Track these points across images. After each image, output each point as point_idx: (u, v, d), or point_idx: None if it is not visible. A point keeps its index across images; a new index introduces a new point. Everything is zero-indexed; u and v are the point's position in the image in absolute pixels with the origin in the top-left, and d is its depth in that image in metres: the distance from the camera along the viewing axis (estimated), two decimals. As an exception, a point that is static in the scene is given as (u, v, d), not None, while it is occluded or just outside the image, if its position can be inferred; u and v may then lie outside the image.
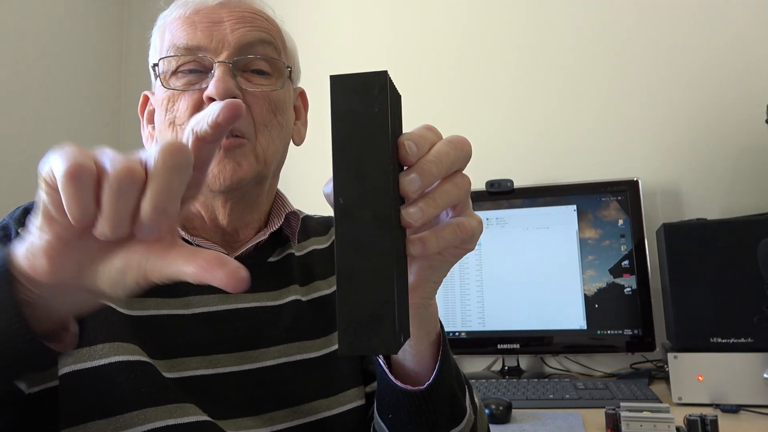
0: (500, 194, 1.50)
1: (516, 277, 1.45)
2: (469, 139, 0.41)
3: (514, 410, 1.08)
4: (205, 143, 0.36)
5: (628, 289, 1.38)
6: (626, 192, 1.42)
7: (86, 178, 0.33)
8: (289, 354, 0.65)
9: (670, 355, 1.15)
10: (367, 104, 0.34)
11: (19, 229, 0.59)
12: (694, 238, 1.19)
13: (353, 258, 0.34)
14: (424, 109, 1.71)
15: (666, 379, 1.19)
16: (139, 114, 0.72)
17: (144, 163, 0.34)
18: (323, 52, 1.81)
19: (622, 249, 1.40)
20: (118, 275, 0.36)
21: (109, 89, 1.97)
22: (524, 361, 1.52)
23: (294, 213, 0.72)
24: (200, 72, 0.64)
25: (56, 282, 0.36)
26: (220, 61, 0.62)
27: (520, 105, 1.67)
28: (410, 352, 0.53)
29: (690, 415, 0.92)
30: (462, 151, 0.40)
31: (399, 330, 0.34)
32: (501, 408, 1.05)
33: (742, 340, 1.12)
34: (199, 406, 0.57)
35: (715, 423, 0.90)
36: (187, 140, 0.36)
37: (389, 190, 0.34)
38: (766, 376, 1.08)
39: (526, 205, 1.48)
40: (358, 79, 0.34)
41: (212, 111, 0.35)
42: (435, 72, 1.75)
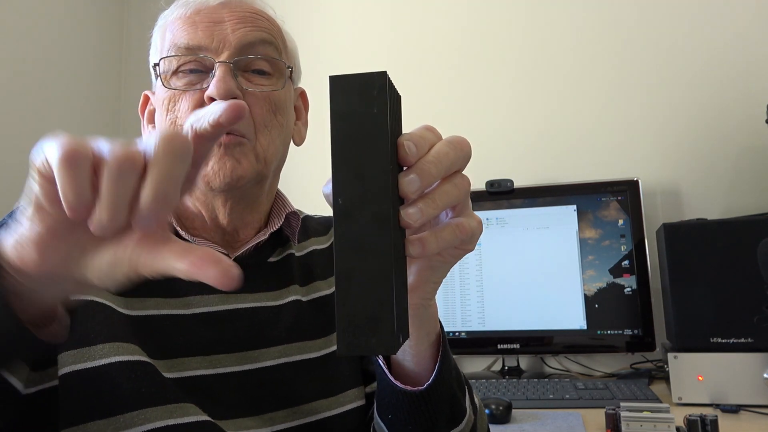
0: (500, 194, 1.50)
1: (516, 277, 1.45)
2: (469, 139, 0.41)
3: (514, 410, 1.08)
4: (203, 140, 0.36)
5: (628, 289, 1.38)
6: (626, 192, 1.42)
7: (83, 164, 0.33)
8: (289, 354, 0.65)
9: (670, 355, 1.15)
10: (366, 105, 0.34)
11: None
12: (694, 238, 1.19)
13: (352, 258, 0.34)
14: (424, 109, 1.71)
15: (666, 379, 1.19)
16: (140, 114, 0.72)
17: (142, 151, 0.34)
18: (323, 52, 1.81)
19: (622, 249, 1.40)
20: (108, 268, 0.36)
21: (109, 89, 1.97)
22: (524, 361, 1.52)
23: (294, 213, 0.72)
24: (201, 72, 0.64)
25: (45, 273, 0.36)
26: (221, 61, 0.62)
27: (520, 105, 1.67)
28: (410, 353, 0.53)
29: (690, 415, 0.92)
30: (462, 152, 0.40)
31: (398, 330, 0.34)
32: (501, 408, 1.05)
33: (742, 340, 1.12)
34: (199, 406, 0.57)
35: (715, 423, 0.90)
36: (186, 134, 0.36)
37: (388, 191, 0.34)
38: (766, 376, 1.08)
39: (526, 205, 1.48)
40: (357, 79, 0.34)
41: (214, 110, 0.35)
42: (435, 72, 1.75)
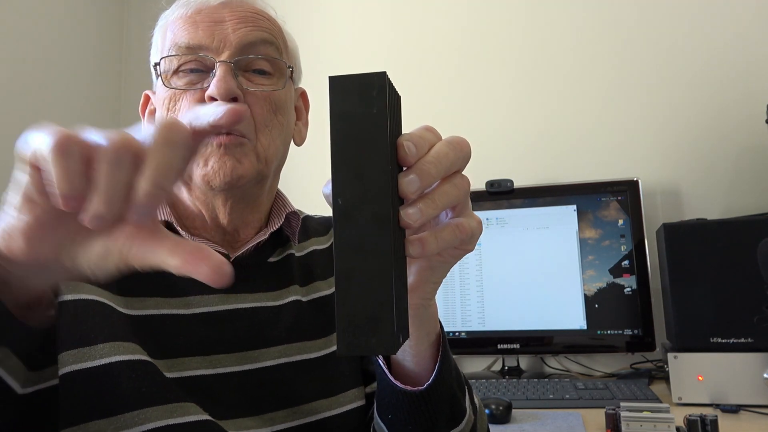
0: (500, 194, 1.50)
1: (516, 277, 1.45)
2: (469, 140, 0.41)
3: (514, 410, 1.08)
4: (199, 138, 0.36)
5: (628, 289, 1.38)
6: (626, 192, 1.42)
7: (75, 153, 0.32)
8: (289, 354, 0.65)
9: (670, 355, 1.15)
10: (366, 105, 0.34)
11: None
12: (694, 238, 1.19)
13: (352, 258, 0.34)
14: (424, 110, 1.71)
15: (666, 379, 1.19)
16: (140, 113, 0.72)
17: (138, 140, 0.33)
18: (323, 52, 1.81)
19: (622, 249, 1.40)
20: (98, 260, 0.35)
21: (109, 89, 1.97)
22: (524, 361, 1.52)
23: (294, 213, 0.72)
24: (202, 71, 0.64)
25: (33, 262, 0.36)
26: (222, 61, 0.62)
27: (520, 105, 1.67)
28: (410, 353, 0.53)
29: (690, 415, 0.92)
30: (461, 152, 0.40)
31: (398, 330, 0.34)
32: (501, 408, 1.05)
33: (742, 340, 1.12)
34: (200, 406, 0.57)
35: (715, 423, 0.90)
36: (185, 124, 0.36)
37: (388, 191, 0.34)
38: (766, 376, 1.08)
39: (526, 205, 1.48)
40: (357, 80, 0.34)
41: (215, 111, 0.35)
42: (435, 72, 1.75)
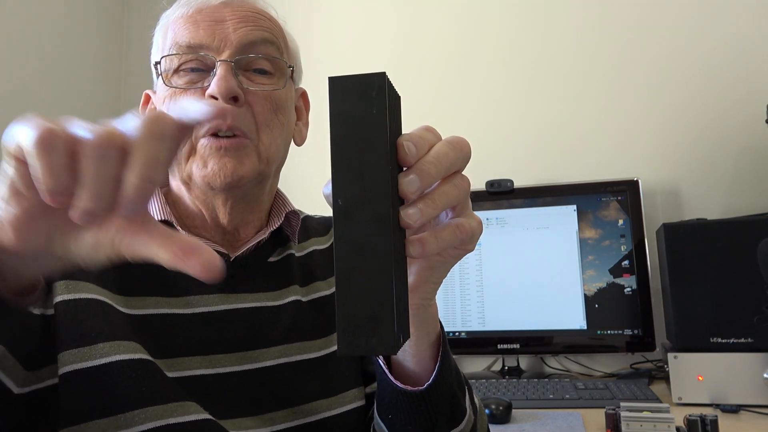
0: (500, 194, 1.50)
1: (516, 277, 1.45)
2: (469, 140, 0.41)
3: (514, 410, 1.08)
4: (185, 132, 0.36)
5: (628, 289, 1.38)
6: (626, 192, 1.42)
7: (59, 146, 0.32)
8: (289, 354, 0.65)
9: (670, 355, 1.15)
10: (365, 105, 0.34)
11: None
12: (694, 238, 1.19)
13: (352, 258, 0.34)
14: (425, 110, 1.71)
15: (666, 379, 1.19)
16: (141, 113, 0.72)
17: (123, 133, 0.33)
18: (323, 53, 1.81)
19: (622, 249, 1.40)
20: (89, 250, 0.35)
21: (109, 89, 1.97)
22: (524, 361, 1.52)
23: (294, 212, 0.72)
24: (202, 71, 0.64)
25: (24, 252, 0.36)
26: (222, 60, 0.62)
27: (520, 105, 1.67)
28: (410, 353, 0.53)
29: (690, 415, 0.92)
30: (461, 152, 0.40)
31: (398, 331, 0.34)
32: (501, 408, 1.05)
33: (742, 340, 1.12)
34: (200, 406, 0.57)
35: (715, 423, 0.90)
36: (170, 116, 0.35)
37: (388, 191, 0.34)
38: (766, 376, 1.08)
39: (526, 205, 1.48)
40: (356, 80, 0.34)
41: (201, 108, 0.35)
42: (435, 72, 1.75)
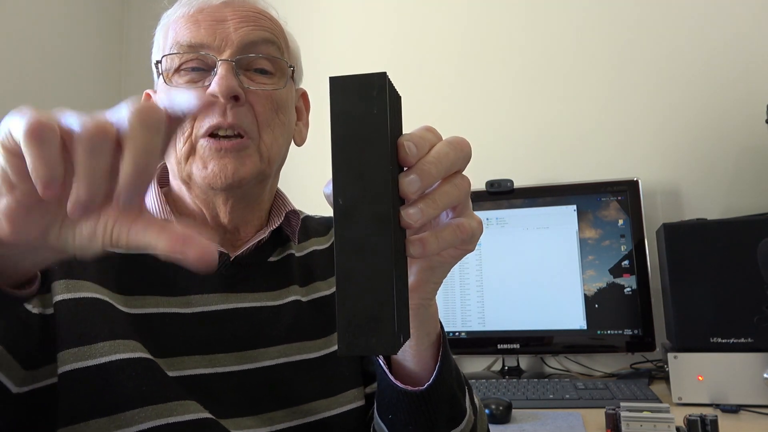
0: (500, 194, 1.50)
1: (516, 277, 1.45)
2: (470, 140, 0.41)
3: (514, 410, 1.08)
4: (174, 124, 0.36)
5: (628, 289, 1.38)
6: (626, 192, 1.42)
7: (51, 137, 0.32)
8: (288, 354, 0.65)
9: (670, 355, 1.15)
10: (366, 105, 0.34)
11: None
12: (694, 238, 1.19)
13: (353, 258, 0.34)
14: (425, 110, 1.71)
15: (666, 379, 1.19)
16: None
17: (114, 123, 0.33)
18: (323, 53, 1.81)
19: (622, 249, 1.40)
20: (85, 240, 0.36)
21: (109, 89, 1.97)
22: (524, 361, 1.52)
23: (294, 212, 0.72)
24: (203, 70, 0.64)
25: (20, 244, 0.36)
26: (223, 60, 0.62)
27: (520, 105, 1.67)
28: (410, 353, 0.53)
29: (690, 415, 0.92)
30: (462, 152, 0.40)
31: (398, 330, 0.34)
32: (501, 408, 1.05)
33: (742, 340, 1.12)
34: (200, 405, 0.57)
35: (715, 423, 0.90)
36: (158, 106, 0.36)
37: (389, 191, 0.34)
38: (766, 376, 1.08)
39: (526, 205, 1.48)
40: (357, 80, 0.34)
41: (189, 99, 0.35)
42: (435, 72, 1.75)
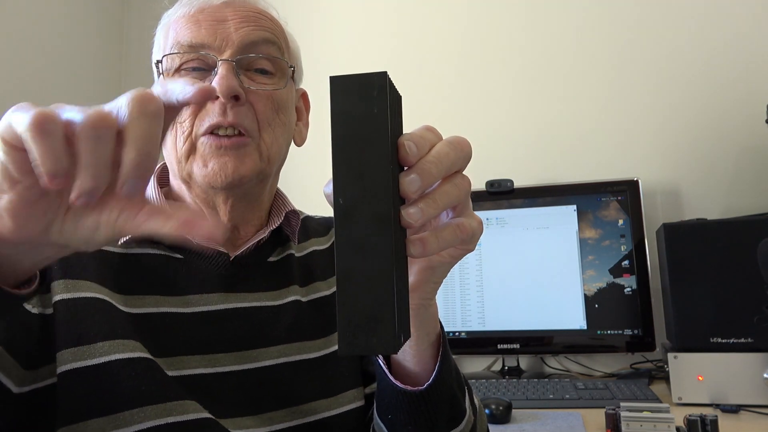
0: (500, 194, 1.50)
1: (516, 277, 1.45)
2: (470, 140, 0.41)
3: (514, 410, 1.08)
4: (169, 113, 0.36)
5: (628, 289, 1.38)
6: (626, 192, 1.42)
7: (56, 130, 0.32)
8: (288, 354, 0.65)
9: (670, 355, 1.15)
10: (366, 105, 0.34)
11: None
12: (694, 238, 1.19)
13: (353, 258, 0.34)
14: (425, 110, 1.71)
15: (666, 379, 1.19)
16: None
17: (114, 113, 0.33)
18: (323, 53, 1.81)
19: (622, 249, 1.40)
20: (89, 232, 0.36)
21: (109, 89, 1.97)
22: (524, 361, 1.52)
23: (294, 212, 0.72)
24: (204, 70, 0.64)
25: (23, 241, 0.36)
26: (224, 59, 0.62)
27: (520, 105, 1.67)
28: (410, 353, 0.53)
29: (690, 415, 0.92)
30: (462, 152, 0.40)
31: (399, 330, 0.34)
32: (501, 408, 1.05)
33: (742, 340, 1.12)
34: (200, 404, 0.57)
35: (715, 423, 0.90)
36: (155, 94, 0.36)
37: (389, 191, 0.34)
38: (766, 376, 1.08)
39: (526, 205, 1.48)
40: (357, 80, 0.34)
41: (184, 89, 0.35)
42: (435, 72, 1.75)
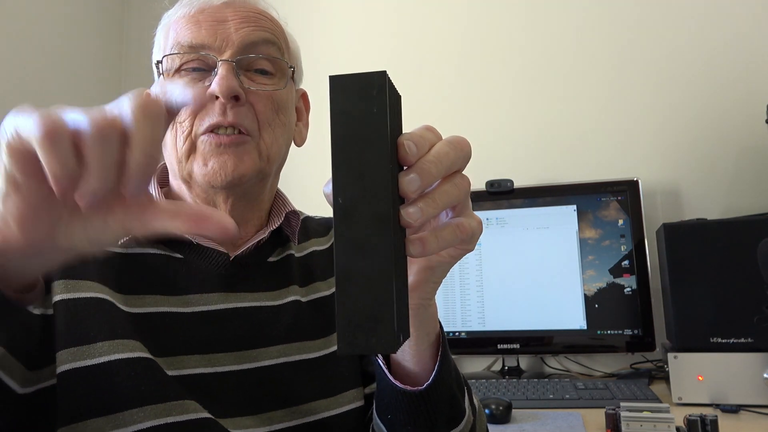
0: (500, 194, 1.50)
1: (516, 277, 1.45)
2: (470, 140, 0.41)
3: (514, 410, 1.08)
4: (169, 114, 0.36)
5: (628, 289, 1.38)
6: (626, 192, 1.42)
7: (65, 136, 0.32)
8: (288, 354, 0.65)
9: (670, 355, 1.15)
10: (366, 104, 0.34)
11: None
12: (694, 238, 1.19)
13: (353, 258, 0.34)
14: (425, 109, 1.71)
15: (666, 379, 1.19)
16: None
17: (118, 116, 0.34)
18: (323, 53, 1.81)
19: (622, 249, 1.40)
20: (96, 234, 0.36)
21: (109, 89, 1.97)
22: (524, 361, 1.52)
23: (294, 212, 0.72)
24: (204, 70, 0.64)
25: (30, 247, 0.36)
26: (224, 60, 0.62)
27: (520, 105, 1.67)
28: (409, 353, 0.53)
29: (690, 415, 0.92)
30: (462, 152, 0.40)
31: (398, 330, 0.34)
32: (501, 408, 1.05)
33: (742, 340, 1.12)
34: (199, 404, 0.57)
35: (715, 423, 0.90)
36: (156, 97, 0.36)
37: (389, 190, 0.34)
38: (766, 376, 1.08)
39: (526, 205, 1.48)
40: (357, 79, 0.34)
41: (183, 92, 0.35)
42: (435, 72, 1.75)
